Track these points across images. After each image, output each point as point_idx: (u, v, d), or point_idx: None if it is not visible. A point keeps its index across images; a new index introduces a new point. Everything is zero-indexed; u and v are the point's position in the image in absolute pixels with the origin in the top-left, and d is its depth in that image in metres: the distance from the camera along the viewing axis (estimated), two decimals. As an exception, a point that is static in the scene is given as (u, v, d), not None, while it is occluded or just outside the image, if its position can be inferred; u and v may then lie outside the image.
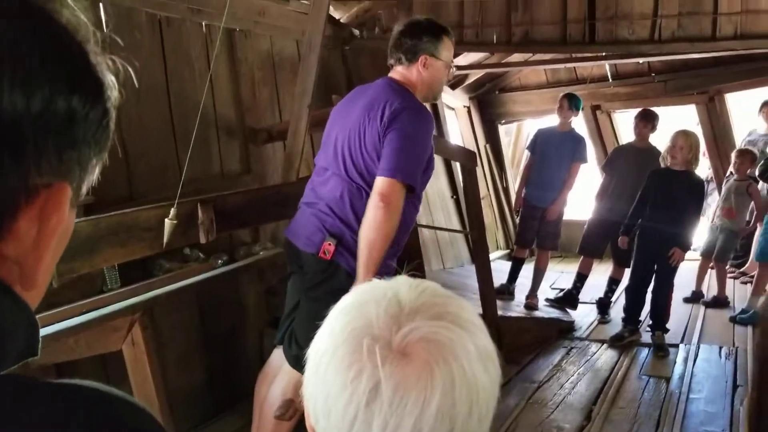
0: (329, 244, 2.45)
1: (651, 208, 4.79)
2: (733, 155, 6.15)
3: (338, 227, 2.47)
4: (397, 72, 2.64)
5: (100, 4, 3.11)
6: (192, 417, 3.46)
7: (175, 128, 3.50)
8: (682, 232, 4.65)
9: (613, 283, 5.72)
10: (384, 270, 2.54)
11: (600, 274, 6.17)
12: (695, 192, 4.70)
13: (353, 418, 0.59)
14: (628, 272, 5.84)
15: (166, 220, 2.24)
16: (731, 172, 6.13)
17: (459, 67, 6.97)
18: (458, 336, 0.62)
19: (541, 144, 5.69)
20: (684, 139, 4.65)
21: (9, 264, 0.49)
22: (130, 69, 0.58)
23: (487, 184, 7.91)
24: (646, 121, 5.46)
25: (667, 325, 4.96)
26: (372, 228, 2.33)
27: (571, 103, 5.57)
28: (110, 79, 0.54)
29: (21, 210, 0.48)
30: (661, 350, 4.80)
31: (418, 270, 4.66)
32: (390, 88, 2.55)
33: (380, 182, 2.36)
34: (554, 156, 5.54)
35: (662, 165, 4.88)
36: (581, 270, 5.77)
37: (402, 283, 0.69)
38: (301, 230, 2.58)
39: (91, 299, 2.75)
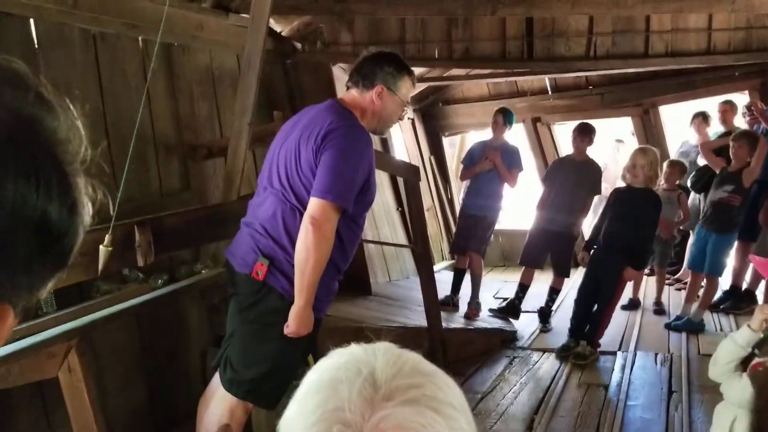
0: (261, 265, 2.42)
1: (610, 225, 4.89)
2: (664, 165, 6.36)
3: (271, 248, 2.45)
4: (350, 94, 2.63)
5: (30, 21, 3.04)
6: (132, 440, 3.39)
7: (111, 146, 3.43)
8: (636, 250, 4.74)
9: (554, 292, 5.84)
10: (327, 292, 2.55)
11: (542, 283, 6.28)
12: (653, 210, 4.78)
13: None
14: (567, 282, 6.01)
15: (101, 246, 2.19)
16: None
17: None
18: (432, 422, 0.59)
19: (478, 157, 5.80)
20: (643, 158, 4.74)
21: None
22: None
23: (431, 195, 7.99)
24: (584, 135, 5.60)
25: (602, 340, 5.04)
26: (302, 251, 2.32)
27: (505, 119, 5.72)
28: (86, 208, 0.54)
29: None
30: (579, 359, 4.87)
31: (363, 285, 4.64)
32: (332, 109, 2.54)
33: (312, 204, 2.34)
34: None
35: (622, 183, 4.97)
36: (523, 281, 5.88)
37: (380, 356, 0.65)
38: (238, 250, 2.57)
39: (26, 325, 2.65)
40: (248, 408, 2.62)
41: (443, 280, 5.82)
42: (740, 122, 6.68)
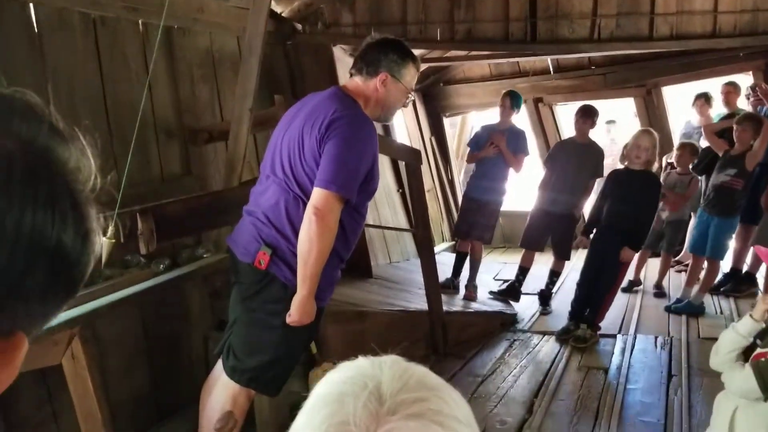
0: (264, 254, 2.42)
1: (609, 207, 4.88)
2: (674, 148, 6.33)
3: (274, 237, 2.44)
4: (353, 82, 2.61)
5: (30, 5, 3.01)
6: (136, 424, 3.41)
7: (112, 131, 3.41)
8: (636, 232, 4.74)
9: (554, 275, 5.85)
10: (329, 281, 2.55)
11: (542, 265, 6.29)
12: (653, 192, 4.75)
13: None
14: (568, 264, 6.02)
15: (104, 239, 2.18)
16: (671, 165, 6.27)
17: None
18: None
19: (484, 141, 5.76)
20: (648, 139, 4.71)
21: None
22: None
23: (432, 176, 7.97)
24: (587, 117, 5.57)
25: (602, 323, 5.05)
26: (305, 241, 2.31)
27: (513, 102, 5.67)
28: (96, 234, 0.55)
29: None
30: (579, 341, 4.88)
31: (364, 268, 4.64)
32: (335, 97, 2.51)
33: (315, 194, 2.33)
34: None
35: (621, 165, 4.94)
36: (523, 263, 5.89)
37: (386, 370, 0.66)
38: (240, 239, 2.56)
39: (29, 312, 2.67)
40: (251, 395, 2.63)
41: (443, 262, 5.82)
42: (743, 104, 6.65)
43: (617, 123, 8.77)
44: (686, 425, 3.65)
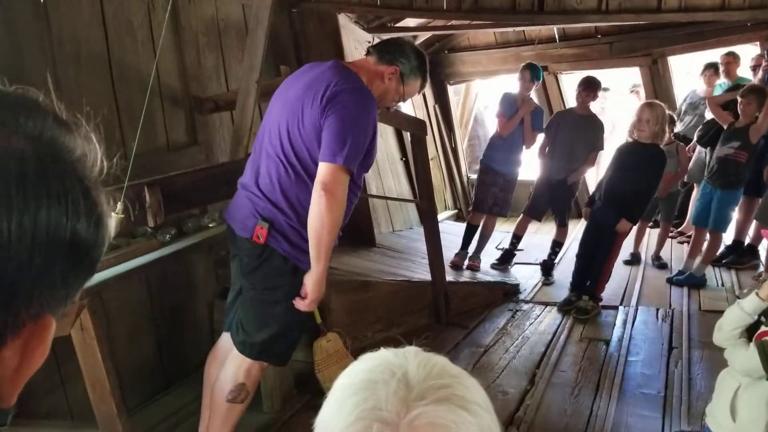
0: (261, 228, 2.42)
1: (609, 179, 4.88)
2: None
3: (270, 211, 2.44)
4: (365, 59, 2.60)
5: (35, -27, 2.96)
6: (142, 392, 3.46)
7: (118, 99, 3.39)
8: (634, 205, 4.73)
9: (557, 245, 5.88)
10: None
11: (544, 234, 6.31)
12: (655, 167, 4.70)
13: None
14: (570, 235, 6.05)
15: (113, 214, 2.18)
16: None
17: (408, 29, 6.91)
18: (463, 419, 0.63)
19: (508, 110, 5.72)
20: (649, 112, 4.64)
21: None
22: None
23: (436, 145, 7.94)
24: (589, 89, 5.55)
25: (604, 293, 5.09)
26: (316, 218, 2.31)
27: (533, 75, 5.64)
28: (107, 217, 0.57)
29: (6, 342, 0.50)
30: (581, 313, 4.93)
31: (367, 237, 4.65)
32: (336, 69, 2.47)
33: (321, 169, 2.32)
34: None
35: (629, 138, 4.92)
36: (517, 231, 5.98)
37: (411, 359, 0.70)
38: (237, 214, 2.55)
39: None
40: (263, 367, 2.66)
41: (446, 231, 5.83)
42: (744, 74, 6.61)
43: (610, 91, 8.79)
44: (686, 397, 3.70)
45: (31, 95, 0.56)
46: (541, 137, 5.84)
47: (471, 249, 5.86)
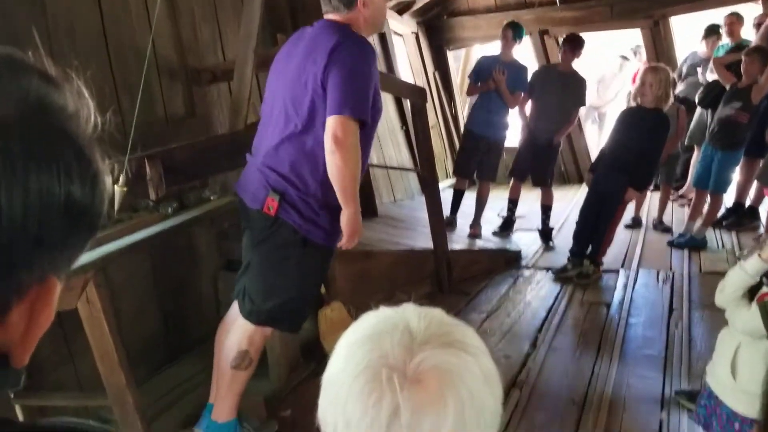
0: (272, 200, 2.44)
1: (613, 144, 4.86)
2: None
3: (280, 183, 2.46)
4: (335, 16, 2.54)
5: (26, -55, 2.92)
6: (150, 364, 3.50)
7: (114, 73, 3.37)
8: (639, 172, 4.69)
9: (546, 209, 5.88)
10: (337, 214, 2.56)
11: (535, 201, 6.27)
12: (660, 133, 4.67)
13: None
14: (571, 200, 6.05)
15: (115, 187, 2.19)
16: None
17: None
18: (464, 361, 0.68)
19: (485, 73, 5.68)
20: (653, 76, 4.59)
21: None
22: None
23: (436, 112, 7.91)
24: (575, 47, 5.54)
25: (605, 257, 5.10)
26: (335, 172, 2.34)
27: (515, 33, 5.59)
28: (104, 173, 0.56)
29: (12, 306, 0.50)
30: (582, 278, 4.95)
31: (369, 207, 4.64)
32: (330, 27, 2.46)
33: (330, 123, 2.32)
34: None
35: (633, 103, 4.89)
36: (511, 195, 6.01)
37: (410, 313, 0.74)
38: (248, 186, 2.57)
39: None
40: (266, 334, 2.70)
41: (447, 200, 5.84)
42: (747, 35, 6.54)
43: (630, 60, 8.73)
44: (686, 357, 3.74)
45: (11, 53, 0.53)
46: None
47: (464, 213, 5.87)
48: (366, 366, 0.67)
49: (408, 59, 7.70)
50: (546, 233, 5.90)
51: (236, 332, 2.66)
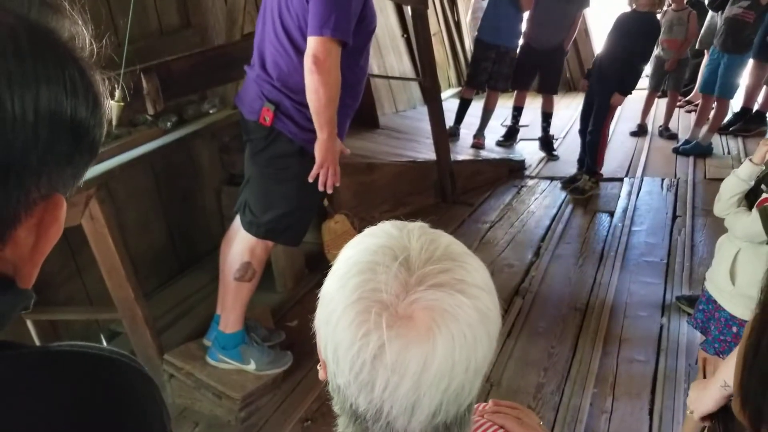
0: (268, 110, 2.42)
1: (604, 49, 4.76)
2: None
3: (275, 93, 2.43)
4: None
5: None
6: (158, 276, 3.56)
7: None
8: (625, 76, 4.60)
9: (547, 117, 5.81)
10: (339, 130, 2.54)
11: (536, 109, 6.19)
12: (649, 37, 4.57)
13: (359, 372, 0.64)
14: (574, 110, 5.95)
15: (112, 102, 2.15)
16: (669, 4, 5.99)
17: None
18: (460, 303, 0.65)
19: None
20: None
21: (8, 263, 0.53)
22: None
23: (438, 19, 7.68)
24: None
25: (609, 166, 5.05)
26: (312, 93, 2.29)
27: None
28: (103, 97, 0.57)
29: (20, 221, 0.51)
30: (576, 193, 4.91)
31: (371, 118, 4.58)
32: None
33: (310, 43, 2.25)
34: None
35: (629, 7, 4.73)
36: (516, 103, 5.91)
37: (414, 241, 0.70)
38: (246, 97, 2.55)
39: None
40: (268, 246, 2.72)
41: (450, 109, 5.76)
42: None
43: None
44: (688, 263, 3.78)
45: None
46: None
47: (469, 124, 5.79)
48: (359, 297, 0.65)
49: (408, -37, 7.42)
50: (547, 141, 5.85)
51: (238, 245, 2.68)
